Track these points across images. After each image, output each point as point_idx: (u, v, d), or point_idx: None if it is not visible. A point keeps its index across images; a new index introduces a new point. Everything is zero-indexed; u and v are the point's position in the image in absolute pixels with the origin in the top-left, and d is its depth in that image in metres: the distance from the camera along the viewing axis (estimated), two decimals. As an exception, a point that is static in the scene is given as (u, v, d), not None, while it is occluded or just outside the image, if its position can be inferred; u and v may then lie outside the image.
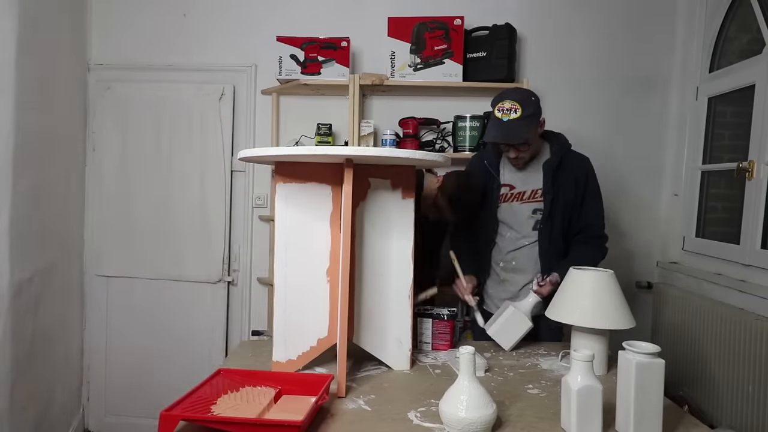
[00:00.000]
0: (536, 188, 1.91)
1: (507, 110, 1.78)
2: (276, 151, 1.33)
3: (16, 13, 2.20)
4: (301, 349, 1.48)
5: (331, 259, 1.51)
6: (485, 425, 1.11)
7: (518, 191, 1.93)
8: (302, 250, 1.50)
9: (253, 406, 1.17)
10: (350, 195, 1.36)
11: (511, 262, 1.96)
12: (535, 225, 1.93)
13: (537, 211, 1.92)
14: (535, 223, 1.92)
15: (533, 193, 1.92)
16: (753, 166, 2.14)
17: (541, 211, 1.91)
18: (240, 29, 2.84)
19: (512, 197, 1.94)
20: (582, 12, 2.79)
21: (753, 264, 2.13)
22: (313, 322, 1.50)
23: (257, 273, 2.87)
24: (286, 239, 1.50)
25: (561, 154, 1.91)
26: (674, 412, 1.31)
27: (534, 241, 1.93)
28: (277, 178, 1.47)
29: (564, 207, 1.90)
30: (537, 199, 1.91)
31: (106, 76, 2.83)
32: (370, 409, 1.27)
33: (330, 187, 1.50)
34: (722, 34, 2.53)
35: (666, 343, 2.57)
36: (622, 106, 2.80)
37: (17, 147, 2.22)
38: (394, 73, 2.60)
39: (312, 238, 1.50)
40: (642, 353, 1.16)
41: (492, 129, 1.83)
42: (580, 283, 1.54)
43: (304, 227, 1.49)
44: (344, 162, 1.37)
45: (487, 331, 1.76)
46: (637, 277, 2.84)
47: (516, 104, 1.78)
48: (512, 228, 1.94)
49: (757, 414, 1.93)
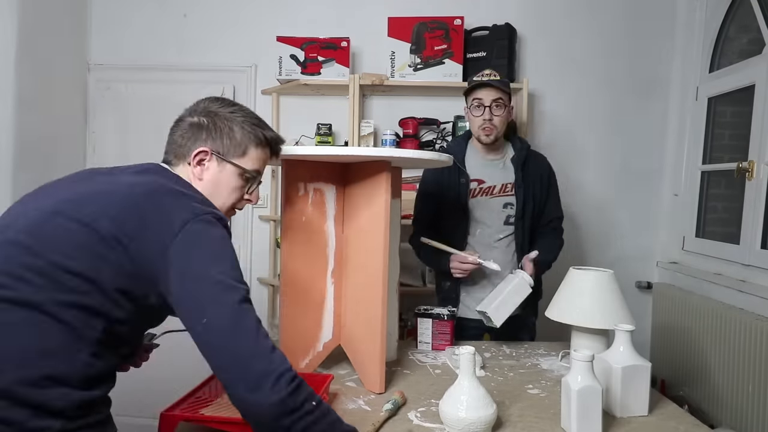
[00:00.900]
0: (506, 182, 1.93)
1: (487, 74, 1.87)
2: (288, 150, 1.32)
3: (16, 13, 2.21)
4: (308, 356, 1.47)
5: (336, 261, 1.51)
6: (485, 425, 1.11)
7: (488, 186, 1.93)
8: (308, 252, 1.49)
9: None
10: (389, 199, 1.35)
11: (489, 259, 1.89)
12: (507, 219, 1.93)
13: (508, 206, 1.92)
14: (507, 218, 1.93)
15: (503, 187, 1.93)
16: (753, 166, 2.14)
17: (512, 206, 1.92)
18: (240, 29, 2.84)
19: (481, 192, 1.93)
20: (582, 12, 2.79)
21: (753, 264, 2.13)
22: (319, 327, 1.49)
23: (257, 273, 2.87)
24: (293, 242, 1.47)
25: (525, 151, 1.97)
26: (674, 412, 1.31)
27: (507, 235, 1.93)
28: (285, 178, 1.46)
29: (533, 201, 1.95)
30: (507, 193, 1.92)
31: (106, 76, 2.83)
32: (370, 409, 1.27)
33: (333, 187, 1.50)
34: (722, 34, 2.53)
35: (666, 343, 2.57)
36: (622, 106, 2.80)
37: (17, 147, 2.22)
38: (394, 73, 2.60)
39: (318, 240, 1.49)
40: None
41: (471, 83, 1.89)
42: (580, 283, 1.54)
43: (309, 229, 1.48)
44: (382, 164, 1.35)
45: (488, 309, 1.70)
46: (637, 277, 2.84)
47: (495, 72, 1.87)
48: (484, 223, 1.93)
49: (757, 414, 1.93)
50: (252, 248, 2.88)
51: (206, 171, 1.08)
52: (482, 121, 1.86)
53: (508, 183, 1.93)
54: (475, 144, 1.98)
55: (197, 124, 1.09)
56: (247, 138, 1.10)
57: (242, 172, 1.11)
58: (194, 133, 1.08)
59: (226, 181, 1.10)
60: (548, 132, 2.82)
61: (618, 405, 1.25)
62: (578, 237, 2.83)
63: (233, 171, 1.10)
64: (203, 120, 1.09)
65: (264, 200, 2.87)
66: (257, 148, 1.12)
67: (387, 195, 1.34)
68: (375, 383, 1.37)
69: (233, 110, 1.11)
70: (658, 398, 1.37)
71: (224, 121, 1.09)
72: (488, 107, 1.84)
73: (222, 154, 1.08)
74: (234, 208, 1.16)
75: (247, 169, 1.11)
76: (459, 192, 1.92)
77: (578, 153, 2.81)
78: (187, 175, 1.08)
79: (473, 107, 1.88)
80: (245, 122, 1.10)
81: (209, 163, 1.08)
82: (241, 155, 1.10)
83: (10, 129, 2.19)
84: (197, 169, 1.08)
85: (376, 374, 1.36)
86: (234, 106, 1.12)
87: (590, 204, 2.83)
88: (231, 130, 1.09)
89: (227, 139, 1.09)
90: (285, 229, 1.45)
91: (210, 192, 1.08)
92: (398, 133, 2.66)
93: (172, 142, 1.11)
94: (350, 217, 1.51)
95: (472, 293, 1.93)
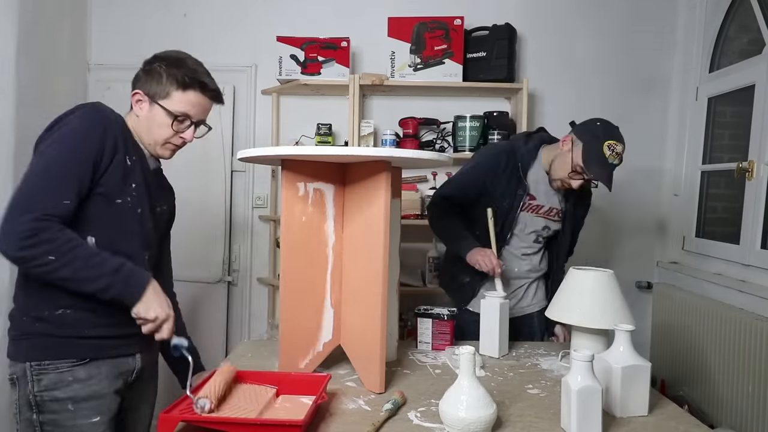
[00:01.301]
0: (554, 207, 1.90)
1: (617, 155, 1.69)
2: (277, 150, 1.32)
3: (16, 13, 2.21)
4: (308, 357, 1.47)
5: (336, 261, 1.50)
6: (485, 425, 1.10)
7: (537, 204, 1.88)
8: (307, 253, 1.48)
9: (253, 406, 1.17)
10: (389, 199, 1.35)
11: (514, 269, 1.92)
12: (537, 238, 1.92)
13: (546, 228, 1.91)
14: (538, 237, 1.92)
15: (550, 211, 1.90)
16: (753, 166, 2.14)
17: (549, 229, 1.92)
18: (240, 29, 2.84)
19: (530, 208, 1.88)
20: (582, 12, 2.79)
21: (753, 264, 2.13)
22: (318, 327, 1.49)
23: (257, 273, 2.87)
24: (292, 242, 1.47)
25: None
26: (674, 412, 1.31)
27: (535, 251, 1.93)
28: (285, 178, 1.46)
29: (569, 230, 1.96)
30: (552, 218, 1.90)
31: (106, 76, 2.83)
32: (370, 409, 1.27)
33: (333, 187, 1.50)
34: (722, 34, 2.53)
35: (666, 343, 2.57)
36: (622, 106, 2.80)
37: (17, 147, 2.22)
38: (394, 73, 2.60)
39: (318, 241, 1.49)
40: None
41: (597, 167, 1.69)
42: (580, 283, 1.54)
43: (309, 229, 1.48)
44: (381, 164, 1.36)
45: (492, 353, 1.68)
46: (637, 277, 2.84)
47: (622, 151, 1.71)
48: (518, 237, 1.91)
49: (757, 414, 1.93)
50: (252, 248, 2.88)
51: (140, 110, 1.35)
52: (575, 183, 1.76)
53: (555, 208, 1.90)
54: (544, 159, 1.88)
55: (137, 74, 1.37)
56: (169, 82, 1.32)
57: (167, 112, 1.32)
58: (136, 80, 1.37)
59: (156, 120, 1.33)
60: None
61: (618, 405, 1.25)
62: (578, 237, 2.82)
63: (160, 111, 1.32)
64: (141, 70, 1.36)
65: (264, 200, 2.88)
66: (180, 90, 1.32)
67: (387, 195, 1.34)
68: (375, 383, 1.37)
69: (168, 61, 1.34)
70: (658, 398, 1.37)
71: (155, 69, 1.33)
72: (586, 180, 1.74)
73: (150, 95, 1.33)
74: (170, 143, 1.38)
75: (170, 110, 1.32)
76: (513, 203, 1.84)
77: (578, 153, 2.81)
78: (132, 114, 1.36)
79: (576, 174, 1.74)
80: (172, 69, 1.32)
81: (143, 105, 1.34)
82: (164, 97, 1.32)
83: (10, 129, 2.19)
84: (136, 108, 1.35)
85: (376, 374, 1.36)
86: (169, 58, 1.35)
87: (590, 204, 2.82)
88: (160, 75, 1.32)
89: (155, 84, 1.32)
90: (285, 229, 1.45)
91: (144, 127, 1.35)
92: (398, 133, 2.66)
93: None
94: (350, 217, 1.51)
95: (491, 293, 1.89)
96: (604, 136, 1.70)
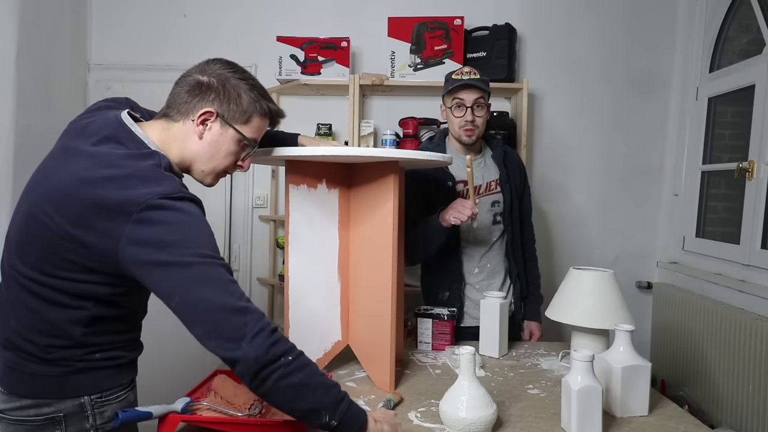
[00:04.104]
0: (490, 179, 1.89)
1: (466, 72, 1.80)
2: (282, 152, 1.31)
3: (16, 13, 2.20)
4: (315, 356, 1.46)
5: (341, 261, 1.50)
6: (485, 425, 1.11)
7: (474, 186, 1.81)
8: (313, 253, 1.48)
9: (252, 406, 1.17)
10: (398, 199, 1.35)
11: (486, 265, 1.88)
12: (494, 218, 1.89)
13: (495, 204, 1.89)
14: (494, 216, 1.89)
15: (488, 186, 1.89)
16: (753, 166, 2.14)
17: (499, 203, 1.89)
18: (240, 29, 2.84)
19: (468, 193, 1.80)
20: (582, 12, 2.79)
21: (753, 264, 2.13)
22: (327, 327, 1.49)
23: (257, 273, 2.87)
24: (298, 243, 1.46)
25: (501, 146, 1.95)
26: (674, 412, 1.31)
27: (499, 236, 1.90)
28: (288, 179, 1.45)
29: (518, 197, 1.94)
30: (493, 191, 1.89)
31: (106, 76, 2.82)
32: (371, 409, 1.27)
33: (338, 187, 1.50)
34: (722, 34, 2.53)
35: (666, 343, 2.57)
36: (622, 106, 2.80)
37: (17, 147, 2.22)
38: (394, 73, 2.60)
39: (323, 241, 1.49)
40: None
41: (452, 83, 1.80)
42: (580, 283, 1.54)
43: (313, 229, 1.48)
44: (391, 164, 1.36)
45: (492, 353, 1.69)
46: (637, 277, 2.84)
47: (474, 70, 1.81)
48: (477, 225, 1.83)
49: (757, 414, 1.93)
50: (252, 248, 2.88)
51: (208, 131, 1.10)
52: (464, 122, 1.79)
53: (492, 180, 1.89)
54: (454, 144, 1.91)
55: (207, 84, 1.09)
56: (252, 107, 1.11)
57: (241, 138, 1.12)
58: (202, 92, 1.09)
59: (225, 145, 1.12)
60: (548, 132, 2.82)
61: (618, 405, 1.25)
62: (578, 237, 2.83)
63: (233, 136, 1.12)
64: (213, 81, 1.09)
65: (264, 200, 2.88)
66: (260, 118, 1.14)
67: (395, 195, 1.34)
68: (385, 382, 1.38)
69: (244, 77, 1.12)
70: (658, 398, 1.37)
71: (234, 86, 1.10)
72: (470, 108, 1.78)
73: (226, 118, 1.10)
74: (225, 172, 1.18)
75: (246, 136, 1.13)
76: (449, 196, 1.81)
77: (578, 153, 2.82)
78: (186, 131, 1.10)
79: (454, 108, 1.81)
80: (253, 91, 1.12)
81: (212, 125, 1.09)
82: (244, 122, 1.12)
83: (10, 129, 2.19)
84: (200, 128, 1.09)
85: (386, 373, 1.37)
86: (244, 73, 1.14)
87: (590, 204, 2.83)
88: (239, 96, 1.10)
89: (234, 105, 1.10)
90: (288, 231, 1.45)
91: (207, 152, 1.11)
92: (398, 133, 2.66)
93: (177, 97, 1.11)
94: (356, 217, 1.51)
95: (474, 306, 1.84)
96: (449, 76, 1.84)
